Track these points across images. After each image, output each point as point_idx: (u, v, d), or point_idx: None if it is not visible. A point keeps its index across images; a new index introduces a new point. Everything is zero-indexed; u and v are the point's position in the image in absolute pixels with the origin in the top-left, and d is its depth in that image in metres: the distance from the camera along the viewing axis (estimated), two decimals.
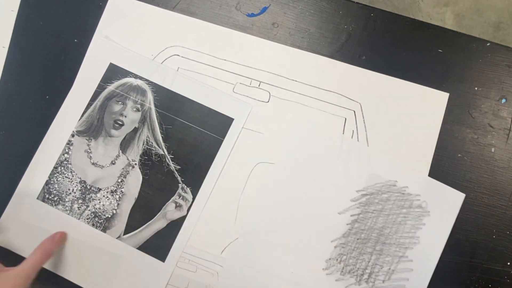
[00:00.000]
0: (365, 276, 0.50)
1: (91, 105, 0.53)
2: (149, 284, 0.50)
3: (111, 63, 0.54)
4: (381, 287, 0.50)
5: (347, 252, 0.50)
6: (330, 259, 0.50)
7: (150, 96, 0.53)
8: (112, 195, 0.51)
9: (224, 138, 0.52)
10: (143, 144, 0.52)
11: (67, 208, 0.51)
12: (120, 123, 0.52)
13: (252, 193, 0.52)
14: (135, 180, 0.51)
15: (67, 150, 0.52)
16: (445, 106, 0.53)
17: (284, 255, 0.51)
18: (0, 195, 0.53)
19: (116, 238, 0.51)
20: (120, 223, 0.51)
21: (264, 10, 0.55)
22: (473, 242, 0.51)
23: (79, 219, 0.51)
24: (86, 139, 0.52)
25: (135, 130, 0.52)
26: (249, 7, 0.55)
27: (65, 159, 0.52)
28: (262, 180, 0.52)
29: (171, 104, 0.52)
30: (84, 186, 0.52)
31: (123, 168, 0.51)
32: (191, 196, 0.51)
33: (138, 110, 0.52)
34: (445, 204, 0.51)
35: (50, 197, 0.52)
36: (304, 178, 0.52)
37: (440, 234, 0.50)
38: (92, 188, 0.52)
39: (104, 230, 0.51)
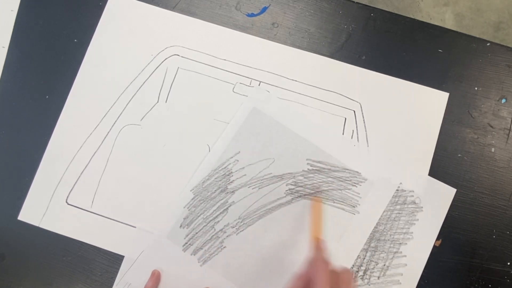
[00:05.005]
0: (361, 273, 0.50)
1: None
2: None
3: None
4: (377, 283, 0.50)
5: None
6: None
7: None
8: None
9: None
10: None
11: None
12: None
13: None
14: None
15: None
16: (445, 106, 0.53)
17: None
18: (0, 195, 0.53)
19: None
20: None
21: (264, 10, 0.55)
22: (473, 242, 0.51)
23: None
24: None
25: None
26: (249, 7, 0.55)
27: None
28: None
29: None
30: None
31: None
32: None
33: None
34: (437, 199, 0.51)
35: None
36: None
37: (432, 228, 0.51)
38: None
39: None
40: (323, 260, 0.39)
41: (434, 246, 0.51)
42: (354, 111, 0.53)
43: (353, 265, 0.50)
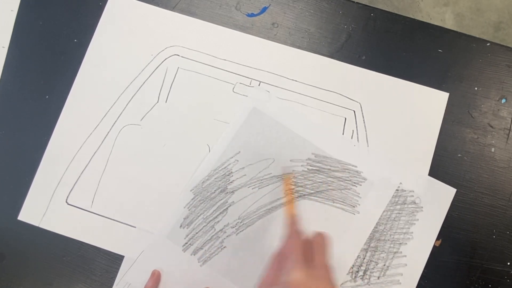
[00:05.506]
0: (360, 273, 0.50)
1: None
2: None
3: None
4: (376, 283, 0.50)
5: None
6: None
7: None
8: None
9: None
10: None
11: None
12: None
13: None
14: None
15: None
16: (445, 106, 0.53)
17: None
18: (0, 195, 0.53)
19: None
20: None
21: (264, 10, 0.55)
22: (473, 242, 0.51)
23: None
24: None
25: None
26: (249, 7, 0.55)
27: None
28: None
29: None
30: None
31: None
32: None
33: None
34: (437, 199, 0.51)
35: None
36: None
37: (432, 228, 0.51)
38: None
39: None
40: (295, 233, 0.39)
41: (434, 246, 0.51)
42: (354, 111, 0.53)
43: (353, 265, 0.50)
